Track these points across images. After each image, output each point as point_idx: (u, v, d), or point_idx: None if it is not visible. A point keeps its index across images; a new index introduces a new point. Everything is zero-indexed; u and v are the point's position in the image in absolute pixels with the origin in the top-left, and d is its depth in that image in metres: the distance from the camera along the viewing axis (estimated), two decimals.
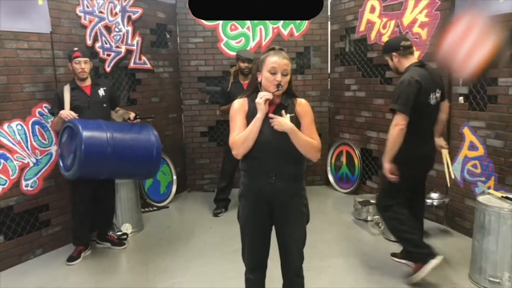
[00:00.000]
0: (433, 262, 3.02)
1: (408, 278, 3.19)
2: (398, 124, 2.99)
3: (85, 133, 3.25)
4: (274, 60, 2.16)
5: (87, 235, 3.89)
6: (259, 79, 2.23)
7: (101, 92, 3.75)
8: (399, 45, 3.18)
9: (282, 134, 2.15)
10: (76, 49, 3.66)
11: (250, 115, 2.22)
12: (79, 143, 3.23)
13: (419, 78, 3.01)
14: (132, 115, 3.77)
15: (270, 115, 2.15)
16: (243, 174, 2.32)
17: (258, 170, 2.23)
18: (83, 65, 3.60)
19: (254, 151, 2.19)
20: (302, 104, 2.28)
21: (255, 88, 2.26)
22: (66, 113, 3.49)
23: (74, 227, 3.83)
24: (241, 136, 2.19)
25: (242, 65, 4.62)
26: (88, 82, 3.71)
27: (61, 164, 3.50)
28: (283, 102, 2.24)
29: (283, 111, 2.19)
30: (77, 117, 3.48)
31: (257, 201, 2.27)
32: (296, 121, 2.21)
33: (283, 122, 2.13)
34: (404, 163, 3.08)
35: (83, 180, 3.54)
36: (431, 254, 3.07)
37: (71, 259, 3.69)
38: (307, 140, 2.19)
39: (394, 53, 3.20)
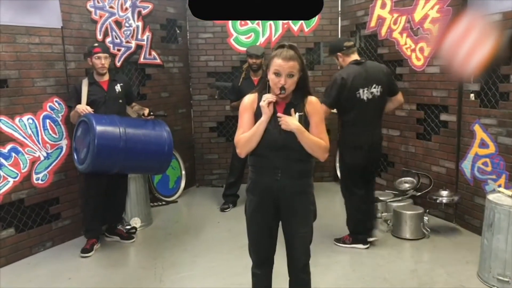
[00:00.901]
0: (361, 247, 3.69)
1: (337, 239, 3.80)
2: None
3: (99, 128, 3.34)
4: (279, 62, 2.12)
5: (98, 228, 3.93)
6: (268, 76, 2.20)
7: (118, 88, 3.81)
8: (342, 45, 3.56)
9: (289, 133, 2.15)
10: (96, 44, 3.74)
11: (258, 114, 2.21)
12: (92, 137, 3.31)
13: (345, 76, 3.41)
14: (146, 111, 3.84)
15: (279, 114, 2.15)
16: (251, 169, 2.33)
17: (264, 166, 2.23)
18: (103, 60, 3.66)
19: (260, 149, 2.20)
20: (312, 103, 2.25)
21: (265, 84, 2.25)
22: (82, 107, 3.55)
23: (86, 220, 3.88)
24: (245, 136, 2.20)
25: (251, 61, 4.63)
26: (106, 77, 3.77)
27: (75, 157, 3.58)
28: (292, 101, 2.23)
29: (292, 110, 2.18)
30: (92, 112, 3.54)
31: (263, 197, 2.27)
32: (305, 120, 2.20)
33: (290, 121, 2.13)
34: (345, 152, 3.64)
35: (96, 174, 3.60)
36: (364, 241, 3.69)
37: (85, 251, 3.74)
38: (314, 140, 2.18)
39: (339, 53, 3.57)
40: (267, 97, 2.15)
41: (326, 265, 3.44)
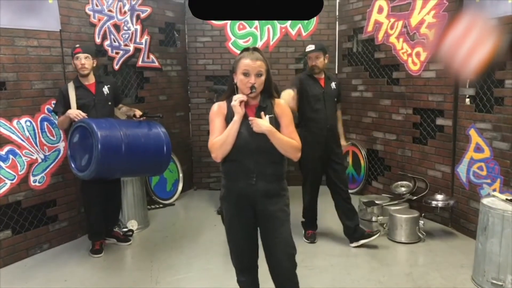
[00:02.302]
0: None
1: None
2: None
3: (101, 133, 3.24)
4: (247, 62, 2.14)
5: (103, 230, 3.94)
6: (235, 81, 2.22)
7: (106, 90, 3.74)
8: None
9: (261, 135, 2.16)
10: (77, 45, 3.65)
11: (229, 118, 2.21)
12: (95, 143, 3.21)
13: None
14: (137, 112, 3.78)
15: (250, 118, 2.16)
16: (223, 177, 2.31)
17: (238, 172, 2.22)
18: (83, 60, 3.56)
19: (233, 154, 2.19)
20: (280, 105, 2.28)
21: (232, 88, 2.25)
22: (76, 113, 3.47)
23: (91, 226, 3.85)
24: (219, 139, 2.19)
25: None
26: (92, 80, 3.70)
27: (72, 165, 3.46)
28: (261, 104, 2.25)
29: (262, 113, 2.19)
30: (86, 117, 3.47)
31: (239, 203, 2.26)
32: (275, 121, 2.22)
33: (261, 123, 2.15)
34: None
35: (94, 180, 3.52)
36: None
37: (97, 251, 3.77)
38: (286, 140, 2.20)
39: (327, 55, 3.87)
40: (238, 97, 2.16)
41: (321, 268, 3.45)
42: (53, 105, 3.81)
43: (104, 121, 3.43)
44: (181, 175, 5.47)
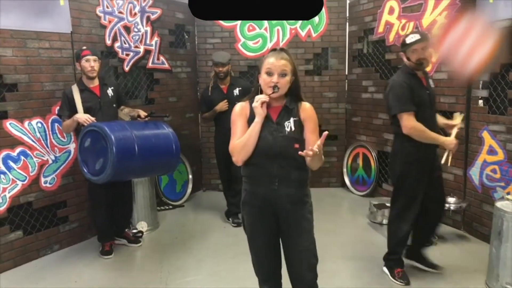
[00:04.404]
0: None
1: None
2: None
3: (115, 136, 3.22)
4: (271, 61, 2.06)
5: (112, 231, 3.95)
6: (259, 82, 2.14)
7: (110, 92, 3.72)
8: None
9: (285, 139, 2.10)
10: (84, 47, 3.64)
11: (251, 120, 2.13)
12: (110, 146, 3.19)
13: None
14: (141, 113, 3.76)
15: (315, 147, 1.93)
16: (245, 180, 2.23)
17: (260, 176, 2.14)
18: (92, 63, 3.55)
19: (255, 157, 2.11)
20: (306, 109, 2.17)
21: (256, 89, 2.18)
22: (85, 117, 3.44)
23: (99, 229, 3.86)
24: (240, 141, 2.11)
25: (216, 69, 4.30)
26: (96, 82, 3.67)
27: (85, 170, 3.42)
28: (287, 105, 2.16)
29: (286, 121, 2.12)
30: (95, 121, 3.45)
31: (262, 208, 2.18)
32: (299, 125, 2.14)
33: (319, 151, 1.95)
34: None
35: (105, 184, 3.48)
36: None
37: (107, 253, 3.78)
38: (322, 159, 2.08)
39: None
40: (260, 97, 2.07)
41: (332, 271, 3.42)
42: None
43: (114, 124, 3.42)
44: (190, 176, 5.47)
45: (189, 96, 5.57)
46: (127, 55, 4.60)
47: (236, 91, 4.37)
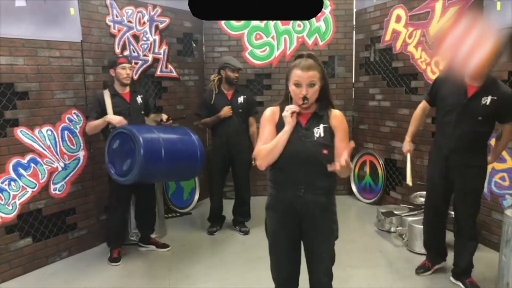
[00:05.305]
0: None
1: None
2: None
3: (142, 138, 3.32)
4: (298, 73, 2.07)
5: (123, 238, 3.99)
6: (289, 88, 2.15)
7: (139, 99, 3.87)
8: None
9: (313, 144, 2.10)
10: (121, 55, 3.80)
11: (279, 126, 2.15)
12: (138, 148, 3.29)
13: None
14: (164, 116, 3.92)
15: (342, 161, 1.93)
16: (270, 185, 2.24)
17: (286, 181, 2.14)
18: (128, 70, 3.71)
19: (281, 162, 2.12)
20: (337, 116, 2.19)
21: (287, 97, 2.20)
22: (118, 119, 3.59)
23: (112, 232, 3.89)
24: (267, 147, 2.12)
25: (232, 75, 4.28)
26: (127, 89, 3.81)
27: (112, 171, 3.50)
28: (317, 112, 2.18)
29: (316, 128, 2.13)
30: (127, 124, 3.57)
31: (286, 214, 2.18)
32: (330, 132, 2.15)
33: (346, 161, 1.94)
34: None
35: (124, 186, 3.55)
36: None
37: (115, 260, 3.81)
38: (351, 167, 2.08)
39: None
40: (290, 107, 2.10)
41: (341, 279, 3.40)
42: (73, 114, 3.90)
43: (143, 127, 3.55)
44: (197, 183, 5.49)
45: (197, 104, 5.58)
46: (136, 63, 4.65)
47: (241, 99, 4.39)
